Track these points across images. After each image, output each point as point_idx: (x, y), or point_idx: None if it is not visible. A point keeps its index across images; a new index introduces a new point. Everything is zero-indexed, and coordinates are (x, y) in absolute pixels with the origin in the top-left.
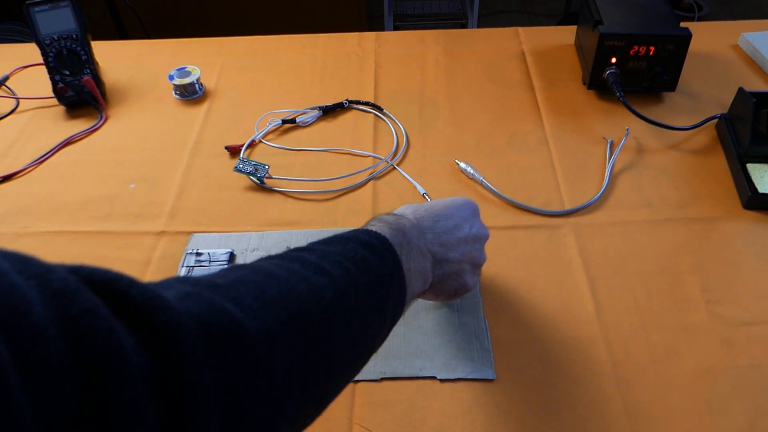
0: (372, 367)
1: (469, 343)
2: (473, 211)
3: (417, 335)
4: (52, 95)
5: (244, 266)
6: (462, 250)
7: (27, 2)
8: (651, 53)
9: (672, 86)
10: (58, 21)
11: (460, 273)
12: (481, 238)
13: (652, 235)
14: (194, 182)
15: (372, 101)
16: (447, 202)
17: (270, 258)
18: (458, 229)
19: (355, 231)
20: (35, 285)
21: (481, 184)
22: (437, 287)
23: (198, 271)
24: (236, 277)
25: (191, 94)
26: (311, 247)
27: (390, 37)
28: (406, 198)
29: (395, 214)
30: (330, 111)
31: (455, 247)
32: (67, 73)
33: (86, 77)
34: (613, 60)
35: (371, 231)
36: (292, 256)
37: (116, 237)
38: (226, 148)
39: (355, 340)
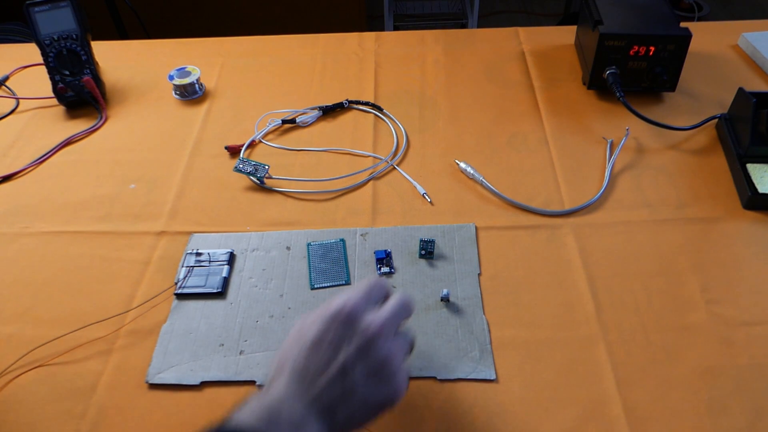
0: None
1: (469, 343)
2: (344, 322)
3: (417, 335)
4: (52, 95)
5: None
6: (350, 378)
7: (27, 2)
8: (651, 53)
9: (672, 86)
10: (58, 21)
11: (366, 398)
12: (370, 342)
13: (652, 235)
14: (194, 182)
15: (372, 101)
16: (310, 334)
17: None
18: (332, 360)
19: None
20: None
21: (481, 184)
22: (350, 425)
23: (198, 271)
24: None
25: (191, 94)
26: None
27: (390, 37)
28: (406, 198)
29: (263, 389)
30: (330, 111)
31: (337, 383)
32: (67, 73)
33: (86, 77)
34: (613, 60)
35: None
36: None
37: (116, 237)
38: (226, 148)
39: None
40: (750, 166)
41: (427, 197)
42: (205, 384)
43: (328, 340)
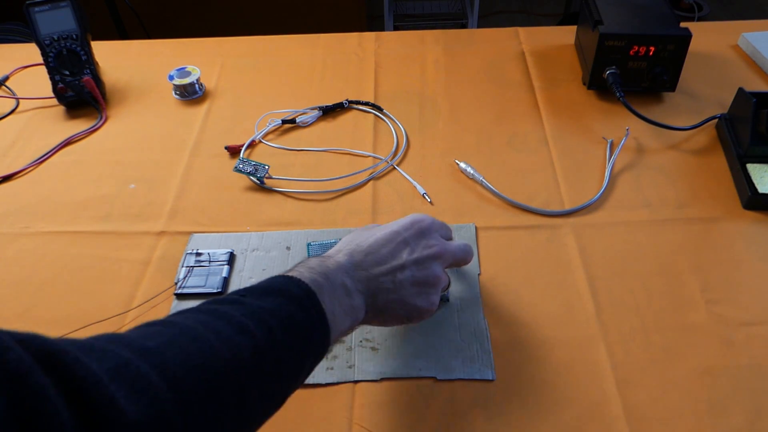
0: (372, 368)
1: (469, 343)
2: (417, 232)
3: (417, 335)
4: (52, 95)
5: (175, 324)
6: (399, 277)
7: (27, 2)
8: (651, 53)
9: (672, 86)
10: (58, 21)
11: (405, 299)
12: (429, 259)
13: (651, 235)
14: (194, 182)
15: (372, 101)
16: (386, 230)
17: (200, 312)
18: (393, 257)
19: (285, 281)
20: None
21: (481, 184)
22: (381, 316)
23: (198, 271)
24: (166, 340)
25: (191, 94)
26: (242, 300)
27: (390, 37)
28: (406, 198)
29: (323, 256)
30: (330, 111)
31: (389, 276)
32: (67, 73)
33: (86, 77)
34: (613, 60)
35: (299, 282)
36: (220, 311)
37: (116, 237)
38: (226, 148)
39: (271, 394)
40: (750, 166)
41: (427, 197)
42: None
43: (400, 239)
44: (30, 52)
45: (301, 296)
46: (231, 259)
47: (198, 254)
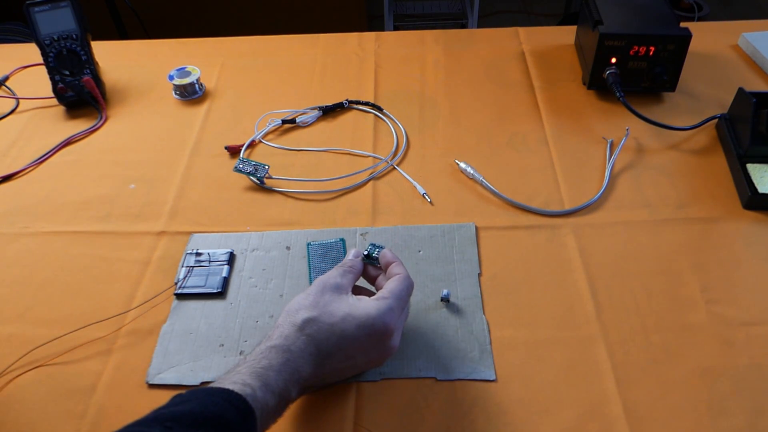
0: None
1: (469, 343)
2: (379, 336)
3: (417, 335)
4: (52, 95)
5: None
6: (353, 369)
7: (27, 2)
8: (651, 53)
9: (672, 86)
10: (58, 21)
11: (356, 368)
12: (381, 358)
13: (651, 235)
14: (194, 182)
15: (372, 101)
16: (346, 331)
17: None
18: (348, 359)
19: (224, 402)
20: None
21: (481, 184)
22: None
23: (198, 271)
24: None
25: (191, 94)
26: None
27: (390, 37)
28: (406, 198)
29: (287, 353)
30: (330, 111)
31: (341, 373)
32: (67, 73)
33: (86, 77)
34: (613, 60)
35: (243, 405)
36: None
37: (116, 237)
38: (226, 148)
39: None
40: (750, 166)
41: (427, 197)
42: (205, 384)
43: (361, 347)
44: (30, 52)
45: (238, 422)
46: (231, 259)
47: (198, 254)
